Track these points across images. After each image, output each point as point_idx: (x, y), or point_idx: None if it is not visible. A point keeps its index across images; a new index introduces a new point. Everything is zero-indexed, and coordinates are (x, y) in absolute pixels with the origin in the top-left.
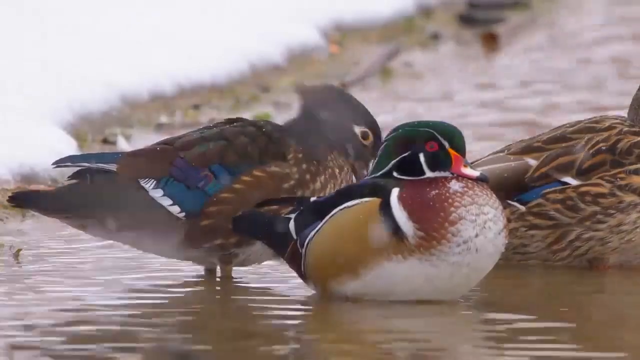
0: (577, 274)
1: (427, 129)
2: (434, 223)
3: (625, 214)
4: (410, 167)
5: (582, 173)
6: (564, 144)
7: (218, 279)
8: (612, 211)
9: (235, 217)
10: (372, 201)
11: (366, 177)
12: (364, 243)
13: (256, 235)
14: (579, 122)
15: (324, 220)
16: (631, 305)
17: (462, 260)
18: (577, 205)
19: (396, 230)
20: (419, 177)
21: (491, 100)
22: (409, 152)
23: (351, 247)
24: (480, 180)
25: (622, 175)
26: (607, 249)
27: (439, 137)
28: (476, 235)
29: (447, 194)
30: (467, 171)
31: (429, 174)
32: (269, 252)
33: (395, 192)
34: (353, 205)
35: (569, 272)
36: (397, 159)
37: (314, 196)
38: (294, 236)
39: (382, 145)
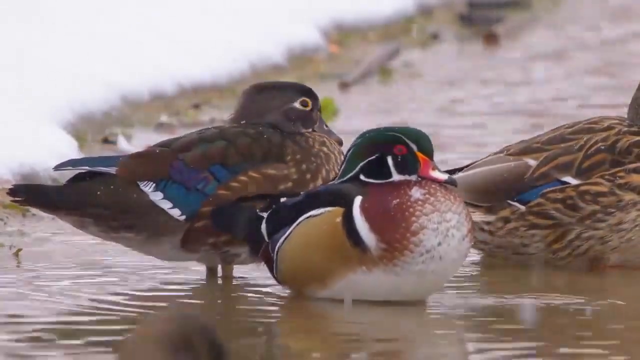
0: (577, 274)
1: (394, 133)
2: (395, 234)
3: (624, 212)
4: (377, 170)
5: (581, 172)
6: (562, 145)
7: (219, 280)
8: (612, 210)
9: (213, 210)
10: (335, 211)
11: (334, 181)
12: (329, 254)
13: (230, 230)
14: (578, 122)
15: (291, 227)
16: (631, 304)
17: (426, 268)
18: (577, 204)
19: (359, 242)
20: (385, 181)
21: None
22: (376, 155)
23: (317, 258)
24: (448, 183)
25: (621, 174)
26: (607, 248)
27: (406, 140)
28: (439, 244)
29: (409, 203)
30: (436, 174)
31: (395, 177)
32: None
33: (357, 201)
34: (318, 215)
35: (569, 272)
36: (364, 162)
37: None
38: (266, 238)
39: (349, 150)
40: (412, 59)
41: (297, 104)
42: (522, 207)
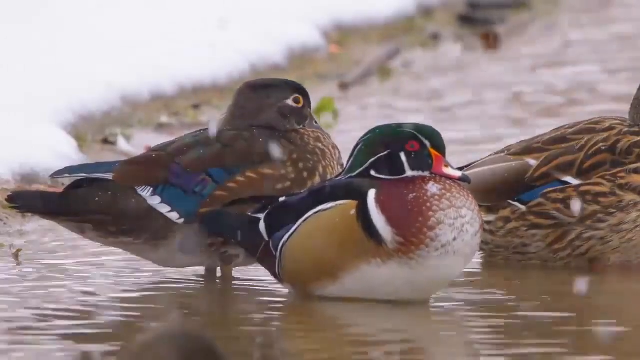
0: (577, 274)
1: (406, 129)
2: (412, 228)
3: (625, 212)
4: (389, 166)
5: (582, 172)
6: (563, 145)
7: (218, 280)
8: (613, 210)
9: (202, 216)
10: (349, 204)
11: (340, 177)
12: (341, 247)
13: (225, 233)
14: (579, 123)
15: (298, 223)
16: (631, 305)
17: (440, 263)
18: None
19: (374, 234)
20: (398, 177)
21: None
22: (387, 151)
23: (329, 252)
24: (462, 180)
25: (622, 174)
26: (607, 248)
27: (420, 136)
28: (454, 239)
29: (426, 198)
30: (449, 171)
31: (409, 173)
32: None
33: (372, 194)
34: (328, 209)
35: (569, 272)
36: (375, 157)
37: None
38: (266, 237)
39: (358, 145)
40: (412, 59)
41: (290, 101)
42: (523, 207)
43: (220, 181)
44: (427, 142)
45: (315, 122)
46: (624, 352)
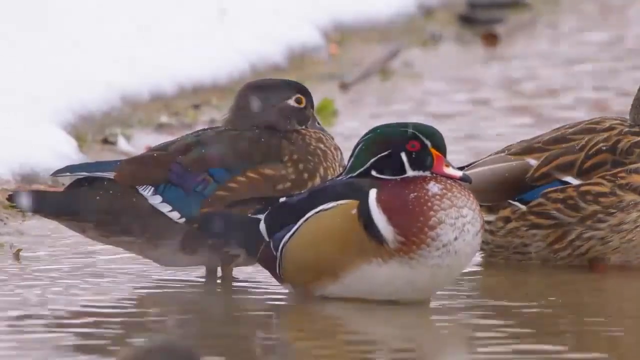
0: (577, 274)
1: (407, 129)
2: (413, 228)
3: (625, 213)
4: (389, 166)
5: (583, 172)
6: (564, 145)
7: (218, 280)
8: (613, 210)
9: (202, 217)
10: (350, 203)
11: (341, 177)
12: (342, 247)
13: (225, 234)
14: (579, 122)
15: (298, 223)
16: (631, 305)
17: (441, 262)
18: (578, 204)
19: (375, 234)
20: (398, 177)
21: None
22: (388, 151)
23: (330, 251)
24: (463, 180)
25: (622, 174)
26: (607, 248)
27: (420, 136)
28: (455, 239)
29: (427, 197)
30: (450, 171)
31: (410, 173)
32: None
33: (373, 193)
34: (329, 208)
35: (569, 272)
36: (376, 157)
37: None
38: (266, 238)
39: (359, 145)
40: (413, 60)
41: (291, 102)
42: (523, 207)
43: (221, 181)
44: (427, 142)
45: (318, 123)
46: (624, 352)
